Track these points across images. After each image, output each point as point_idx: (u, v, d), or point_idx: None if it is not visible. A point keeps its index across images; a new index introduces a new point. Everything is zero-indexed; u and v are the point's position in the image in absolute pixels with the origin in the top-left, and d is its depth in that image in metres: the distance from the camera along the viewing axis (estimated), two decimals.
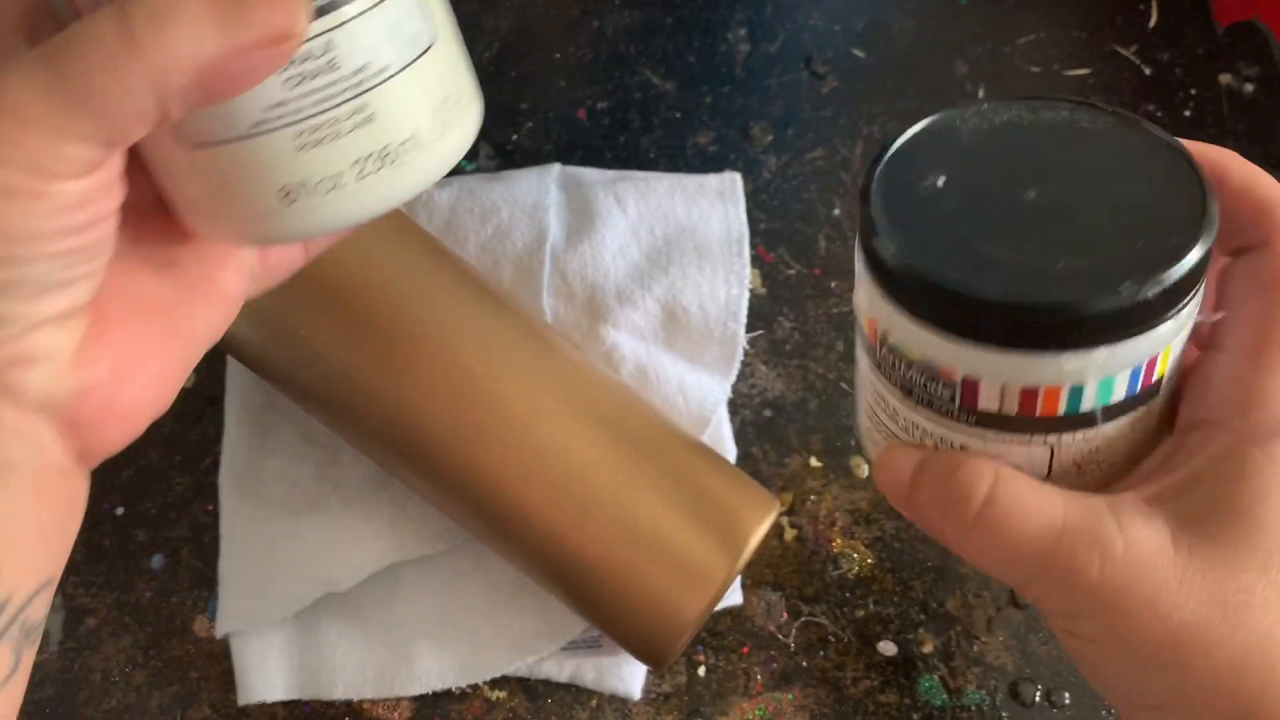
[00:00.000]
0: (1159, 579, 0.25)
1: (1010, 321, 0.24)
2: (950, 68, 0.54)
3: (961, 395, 0.26)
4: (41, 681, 0.45)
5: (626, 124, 0.53)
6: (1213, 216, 0.25)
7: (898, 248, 0.25)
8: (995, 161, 0.27)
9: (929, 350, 0.25)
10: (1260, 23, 0.54)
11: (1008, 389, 0.25)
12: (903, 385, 0.27)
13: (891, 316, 0.26)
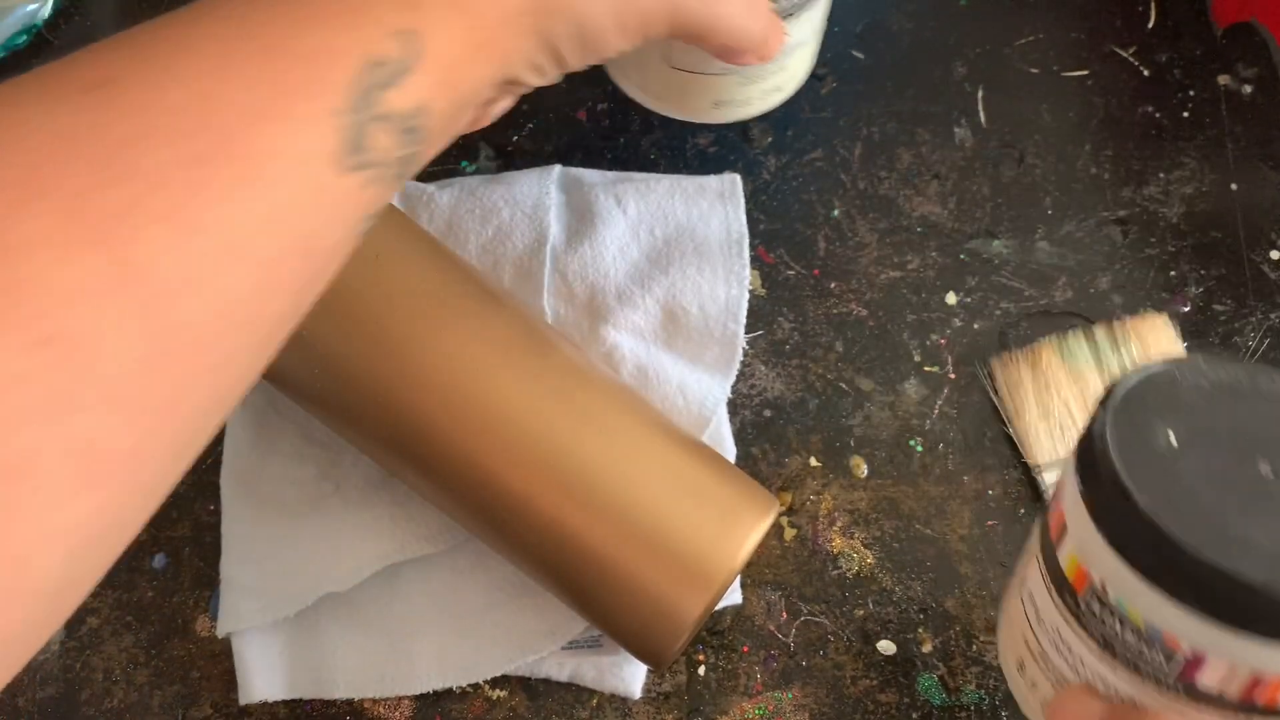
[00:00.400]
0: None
1: (1266, 607, 0.23)
2: (949, 69, 0.54)
3: (1183, 669, 0.24)
4: (43, 681, 0.45)
5: (626, 125, 0.53)
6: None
7: (1146, 506, 0.24)
8: (1221, 427, 0.26)
9: (1157, 616, 0.24)
10: (1258, 23, 0.54)
11: (1236, 672, 0.24)
12: (1104, 640, 0.26)
13: (1119, 573, 0.24)
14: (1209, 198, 0.52)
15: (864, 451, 0.48)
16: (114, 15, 0.56)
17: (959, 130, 0.53)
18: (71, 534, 0.21)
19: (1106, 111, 0.54)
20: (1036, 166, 0.52)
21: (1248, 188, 0.52)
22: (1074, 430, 0.47)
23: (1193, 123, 0.53)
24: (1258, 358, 0.49)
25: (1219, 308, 0.50)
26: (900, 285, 0.50)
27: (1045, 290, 0.50)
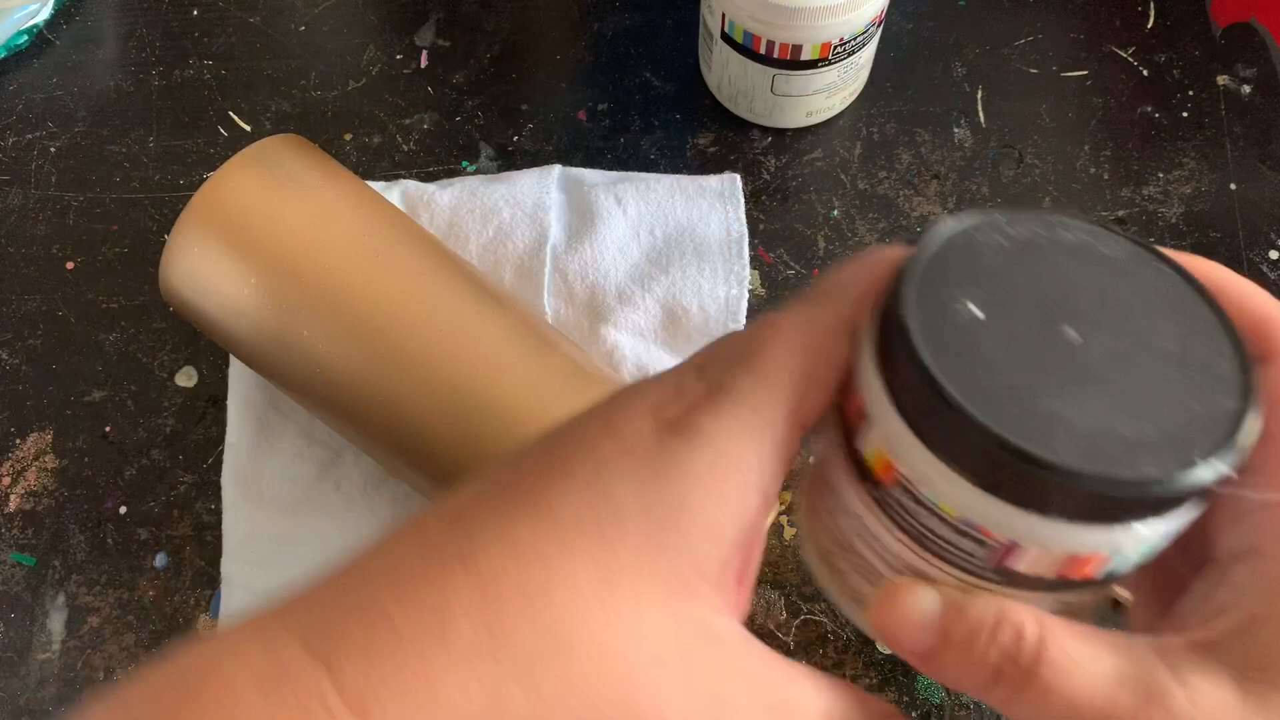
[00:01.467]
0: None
1: (1089, 496, 0.21)
2: (948, 69, 0.54)
3: (998, 556, 0.23)
4: (44, 680, 0.45)
5: (627, 125, 0.54)
6: (1257, 378, 0.23)
7: (954, 394, 0.22)
8: (1024, 291, 0.24)
9: (970, 510, 0.23)
10: (1257, 23, 0.54)
11: (1052, 555, 0.23)
12: (914, 532, 0.24)
13: (928, 466, 0.23)
14: (1208, 198, 0.52)
15: None
16: (115, 15, 0.56)
17: (958, 130, 0.53)
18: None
19: (1105, 111, 0.54)
20: (1036, 166, 0.53)
21: (1247, 188, 0.52)
22: None
23: (1192, 123, 0.53)
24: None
25: None
26: None
27: None
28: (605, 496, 0.23)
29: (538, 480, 0.23)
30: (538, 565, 0.22)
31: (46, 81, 0.55)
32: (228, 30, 0.56)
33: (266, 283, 0.41)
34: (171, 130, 0.54)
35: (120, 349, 0.50)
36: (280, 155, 0.43)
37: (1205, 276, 0.26)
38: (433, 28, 0.56)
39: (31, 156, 0.53)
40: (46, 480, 0.48)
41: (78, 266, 0.51)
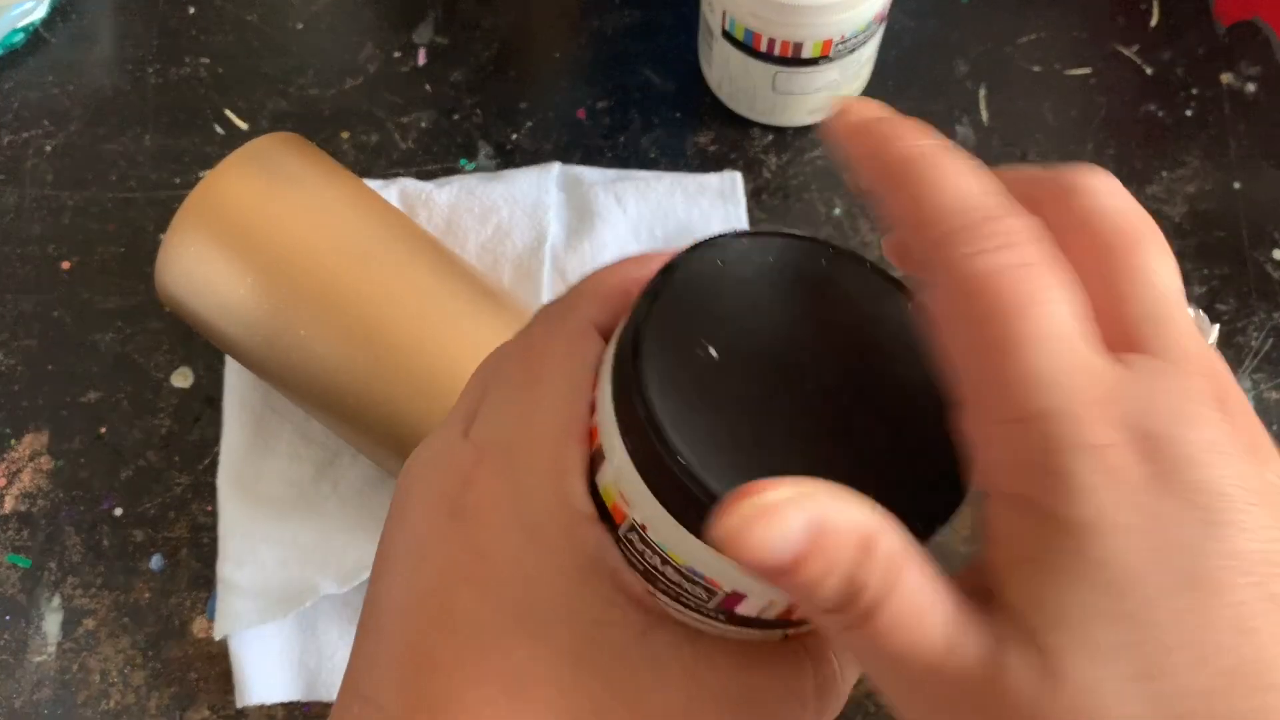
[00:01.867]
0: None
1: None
2: (951, 67, 0.54)
3: (727, 603, 0.23)
4: (40, 682, 0.44)
5: (626, 123, 0.53)
6: (963, 462, 0.21)
7: (682, 446, 0.21)
8: (761, 329, 0.23)
9: (697, 560, 0.22)
10: (1261, 22, 0.54)
11: (775, 604, 0.23)
12: (648, 575, 0.23)
13: (659, 517, 0.22)
14: (1212, 197, 0.51)
15: None
16: (111, 13, 0.56)
17: (961, 129, 0.53)
18: None
19: (1109, 110, 0.53)
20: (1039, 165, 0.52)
21: (1251, 187, 0.52)
22: None
23: (1196, 121, 0.53)
24: (1261, 358, 0.49)
25: (1222, 307, 0.49)
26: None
27: None
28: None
29: (372, 592, 0.25)
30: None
31: (42, 80, 0.55)
32: (224, 28, 0.56)
33: (263, 282, 0.40)
34: (168, 129, 0.54)
35: (116, 349, 0.49)
36: (277, 154, 0.42)
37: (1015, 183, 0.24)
38: (431, 25, 0.56)
39: (27, 155, 0.53)
40: (42, 481, 0.47)
41: (73, 266, 0.51)
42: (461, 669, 0.23)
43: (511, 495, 0.24)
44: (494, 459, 0.25)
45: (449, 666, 0.23)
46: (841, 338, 0.24)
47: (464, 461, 0.25)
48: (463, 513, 0.24)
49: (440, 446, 0.26)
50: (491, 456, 0.25)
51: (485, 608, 0.23)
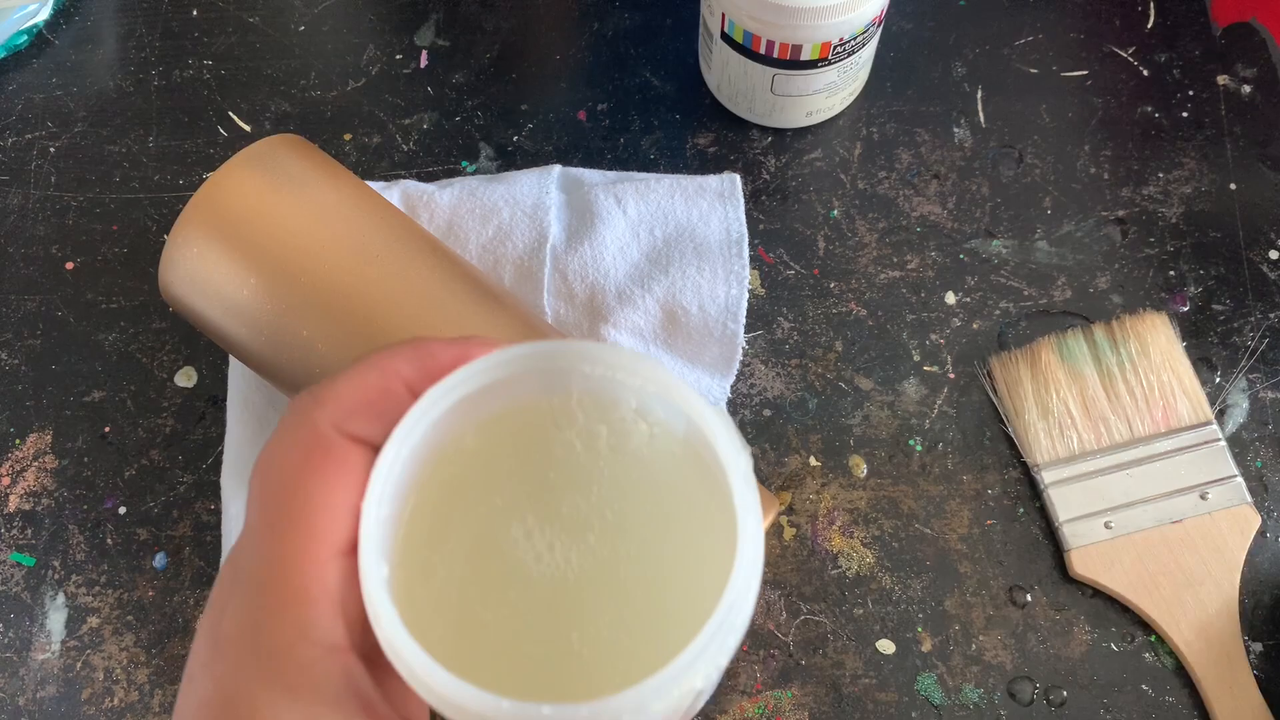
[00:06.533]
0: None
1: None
2: (948, 69, 0.54)
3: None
4: (44, 680, 0.45)
5: (627, 125, 0.54)
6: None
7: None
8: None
9: (439, 708, 0.23)
10: (1258, 23, 0.54)
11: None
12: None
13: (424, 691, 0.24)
14: (1208, 197, 0.52)
15: (863, 451, 0.48)
16: (114, 15, 0.56)
17: (958, 130, 0.53)
18: None
19: (1105, 111, 0.54)
20: (1036, 166, 0.53)
21: (1247, 187, 0.52)
22: (1074, 430, 0.47)
23: (1192, 123, 0.53)
24: (1257, 357, 0.49)
25: (1218, 307, 0.50)
26: (900, 285, 0.50)
27: (1044, 290, 0.50)
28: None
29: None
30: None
31: (46, 81, 0.55)
32: (227, 30, 0.56)
33: (266, 283, 0.41)
34: (171, 130, 0.54)
35: (119, 349, 0.50)
36: (280, 155, 0.43)
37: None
38: (432, 27, 0.56)
39: (31, 156, 0.53)
40: (46, 480, 0.48)
41: (77, 267, 0.51)
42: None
43: (253, 628, 0.24)
44: (244, 587, 0.24)
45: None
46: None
47: (222, 588, 0.25)
48: (217, 646, 0.24)
49: (199, 641, 0.25)
50: (243, 585, 0.24)
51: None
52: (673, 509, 0.25)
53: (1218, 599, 0.44)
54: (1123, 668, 0.44)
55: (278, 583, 0.24)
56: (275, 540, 0.24)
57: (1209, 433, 0.47)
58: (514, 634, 0.24)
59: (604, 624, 0.22)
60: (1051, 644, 0.45)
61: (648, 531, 0.25)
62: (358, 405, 0.25)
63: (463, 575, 0.25)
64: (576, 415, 0.25)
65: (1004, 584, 0.46)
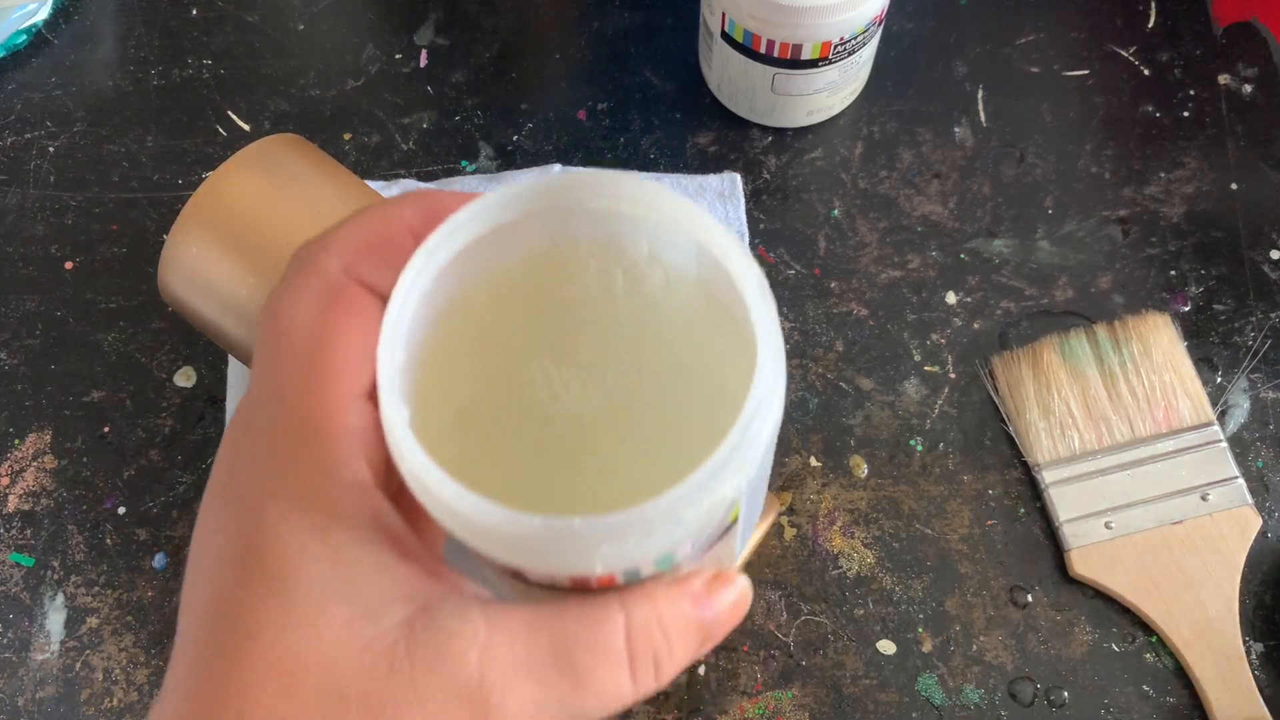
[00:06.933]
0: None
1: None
2: (950, 68, 0.54)
3: (512, 571, 0.24)
4: (43, 681, 0.45)
5: (626, 125, 0.53)
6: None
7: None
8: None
9: (470, 541, 0.23)
10: (1259, 23, 0.54)
11: (556, 578, 0.24)
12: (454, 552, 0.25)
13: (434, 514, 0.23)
14: (1210, 197, 0.52)
15: (864, 451, 0.48)
16: (113, 15, 0.56)
17: (959, 129, 0.53)
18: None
19: (1107, 111, 0.53)
20: (1037, 166, 0.52)
21: (1248, 187, 0.52)
22: (1075, 430, 0.47)
23: (1193, 122, 0.53)
24: (1259, 358, 0.49)
25: (1219, 307, 0.50)
26: (901, 285, 0.50)
27: (1046, 290, 0.50)
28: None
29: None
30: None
31: (45, 81, 0.55)
32: (226, 29, 0.56)
33: (265, 282, 0.41)
34: (170, 130, 0.54)
35: (119, 349, 0.50)
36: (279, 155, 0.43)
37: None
38: (432, 27, 0.56)
39: (30, 156, 0.53)
40: (45, 480, 0.48)
41: (76, 266, 0.51)
42: (237, 664, 0.22)
43: (273, 473, 0.23)
44: (260, 435, 0.24)
45: (224, 660, 0.22)
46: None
47: (232, 444, 0.24)
48: (232, 499, 0.23)
49: (232, 422, 0.25)
50: (257, 433, 0.24)
51: (252, 597, 0.22)
52: (690, 350, 0.25)
53: (1218, 600, 0.44)
54: (1124, 668, 0.44)
55: (297, 424, 0.23)
56: (292, 384, 0.23)
57: (1210, 434, 0.47)
58: (535, 468, 0.24)
59: (623, 457, 0.21)
60: (1052, 644, 0.45)
61: (666, 372, 0.24)
62: (364, 250, 0.24)
63: (481, 415, 0.24)
64: (588, 263, 0.25)
65: (1005, 584, 0.46)
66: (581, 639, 0.23)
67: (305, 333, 0.24)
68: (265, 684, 0.22)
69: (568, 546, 0.21)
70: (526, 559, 0.22)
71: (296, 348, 0.24)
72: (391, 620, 0.22)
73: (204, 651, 0.23)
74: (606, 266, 0.25)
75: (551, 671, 0.23)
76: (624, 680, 0.24)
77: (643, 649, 0.24)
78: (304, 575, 0.22)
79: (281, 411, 0.23)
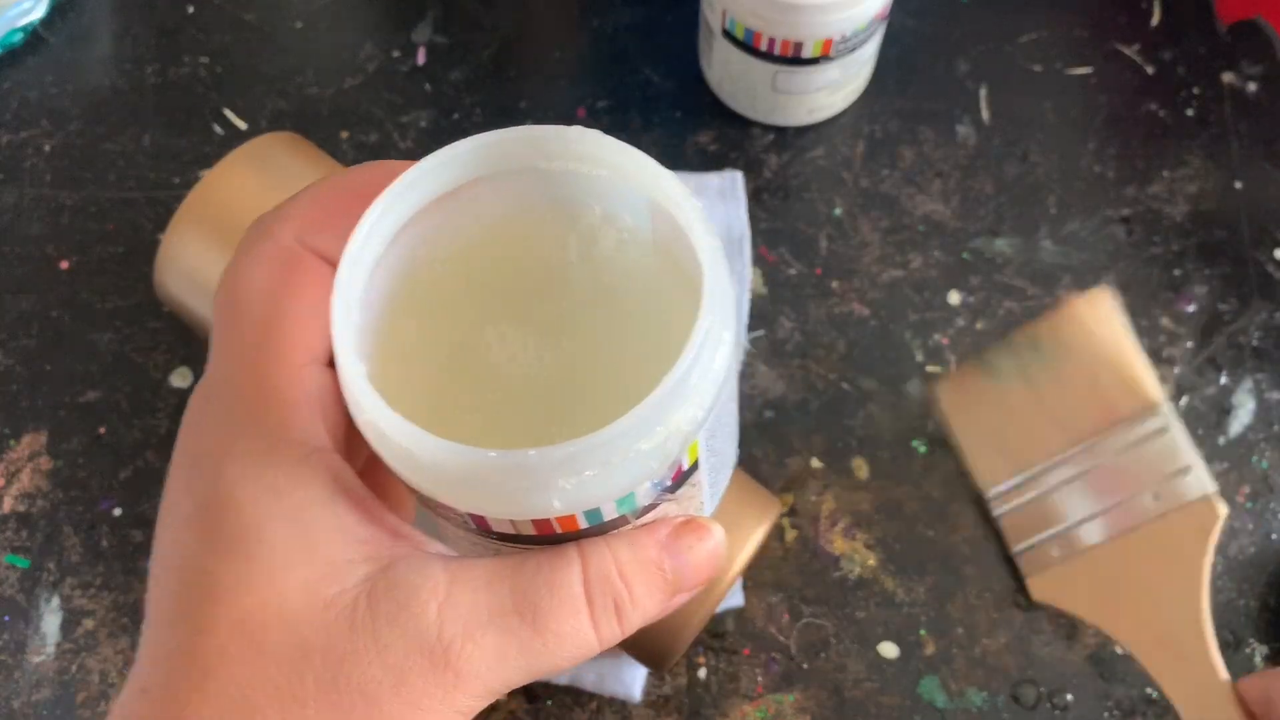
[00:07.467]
0: None
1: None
2: (952, 66, 0.54)
3: (473, 522, 0.24)
4: (39, 683, 0.44)
5: (627, 123, 0.53)
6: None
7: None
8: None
9: (428, 489, 0.23)
10: (1263, 21, 0.54)
11: (518, 524, 0.23)
12: (423, 500, 0.25)
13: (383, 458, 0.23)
14: (1213, 196, 0.51)
15: (866, 452, 0.47)
16: (110, 13, 0.56)
17: (961, 128, 0.53)
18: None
19: (1110, 109, 0.53)
20: (1040, 165, 0.52)
21: (1252, 186, 0.52)
22: (1009, 451, 0.44)
23: (1197, 121, 0.53)
24: (1263, 358, 0.48)
25: (1223, 306, 0.49)
26: (903, 284, 0.50)
27: (1048, 289, 0.50)
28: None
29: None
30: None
31: (41, 79, 0.54)
32: (223, 27, 0.56)
33: None
34: (166, 128, 0.53)
35: (115, 349, 0.49)
36: (276, 153, 0.42)
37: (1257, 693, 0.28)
38: (430, 24, 0.56)
39: (25, 155, 0.53)
40: (40, 482, 0.47)
41: (72, 266, 0.51)
42: (201, 626, 0.23)
43: (232, 438, 0.23)
44: (220, 403, 0.24)
45: (189, 622, 0.23)
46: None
47: (195, 411, 0.24)
48: (194, 463, 0.24)
49: (195, 392, 0.25)
50: (217, 400, 0.24)
51: (213, 559, 0.23)
52: (646, 308, 0.25)
53: (1181, 610, 0.41)
54: (1127, 671, 0.44)
55: (254, 391, 0.23)
56: (248, 352, 0.24)
57: (1156, 423, 0.42)
58: (494, 429, 0.24)
59: (582, 414, 0.22)
60: (1055, 647, 0.44)
61: (622, 331, 0.25)
62: (318, 219, 0.25)
63: (438, 377, 0.25)
64: (543, 227, 0.25)
65: (1008, 586, 0.45)
66: (540, 585, 0.23)
67: (260, 301, 0.24)
68: (228, 644, 0.22)
69: (524, 481, 0.21)
70: (485, 501, 0.22)
71: (252, 316, 0.24)
72: (353, 578, 0.23)
73: (169, 615, 0.23)
74: (561, 231, 0.25)
75: (513, 619, 0.23)
76: (584, 626, 0.24)
77: (600, 594, 0.24)
78: (264, 536, 0.22)
79: (239, 379, 0.24)
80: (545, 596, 0.23)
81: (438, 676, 0.22)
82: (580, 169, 0.25)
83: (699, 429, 0.23)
